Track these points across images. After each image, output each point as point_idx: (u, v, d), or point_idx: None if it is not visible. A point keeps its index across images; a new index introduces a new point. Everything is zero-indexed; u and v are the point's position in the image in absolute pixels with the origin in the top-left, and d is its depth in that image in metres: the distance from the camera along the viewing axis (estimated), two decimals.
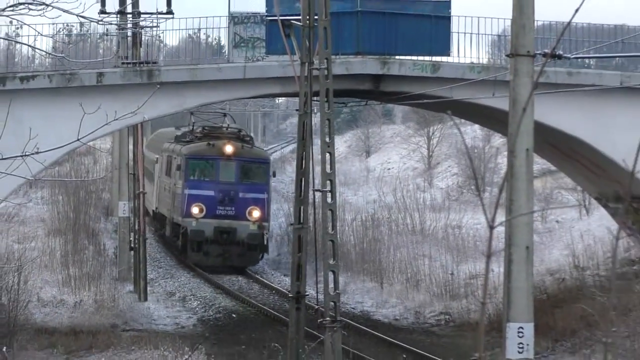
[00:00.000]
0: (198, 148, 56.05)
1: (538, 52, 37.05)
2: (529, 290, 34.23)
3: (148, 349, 50.61)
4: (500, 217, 16.51)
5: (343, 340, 47.90)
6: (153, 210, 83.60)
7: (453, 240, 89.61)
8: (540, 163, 76.24)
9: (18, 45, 72.47)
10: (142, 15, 71.91)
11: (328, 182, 47.17)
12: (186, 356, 42.89)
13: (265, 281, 79.57)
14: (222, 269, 43.94)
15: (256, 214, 48.93)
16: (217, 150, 53.10)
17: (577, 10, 26.31)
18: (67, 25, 73.56)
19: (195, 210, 49.60)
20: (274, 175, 62.48)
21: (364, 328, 61.34)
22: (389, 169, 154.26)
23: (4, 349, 44.99)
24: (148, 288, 77.52)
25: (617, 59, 52.16)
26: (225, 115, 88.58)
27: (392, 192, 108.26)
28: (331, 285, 47.91)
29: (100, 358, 48.50)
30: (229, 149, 52.78)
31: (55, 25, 59.37)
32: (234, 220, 48.78)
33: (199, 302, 75.14)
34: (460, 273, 77.88)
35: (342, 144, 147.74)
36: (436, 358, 54.93)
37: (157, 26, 72.40)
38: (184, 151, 56.27)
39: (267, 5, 55.43)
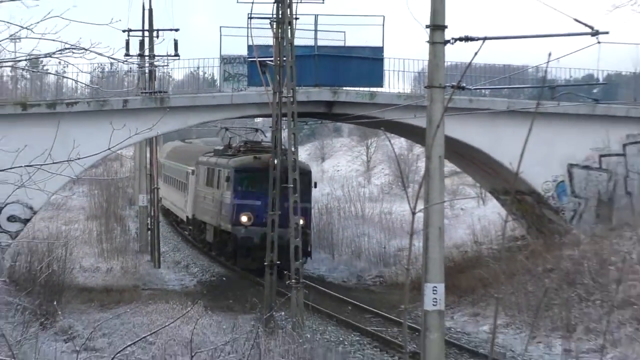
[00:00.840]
0: (245, 161, 51.12)
1: (447, 84, 37.03)
2: (440, 260, 34.87)
3: (161, 303, 50.79)
4: (420, 205, 16.67)
5: (304, 297, 48.44)
6: (188, 217, 76.90)
7: (385, 222, 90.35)
8: (449, 166, 76.52)
9: (65, 79, 71.66)
10: (156, 57, 71.98)
11: (293, 180, 47.77)
12: (189, 308, 42.75)
13: None
14: (258, 271, 41.13)
15: (301, 222, 43.43)
16: (263, 162, 47.34)
17: (475, 54, 26.73)
18: (101, 64, 73.09)
19: (244, 218, 45.94)
20: (315, 186, 56.41)
21: (320, 287, 60.53)
22: (338, 170, 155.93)
23: (55, 303, 44.69)
24: (161, 258, 77.78)
25: (505, 90, 51.92)
26: (257, 130, 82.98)
27: (340, 187, 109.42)
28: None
29: (126, 309, 48.41)
30: (275, 162, 45.23)
31: (92, 64, 59.70)
32: (280, 228, 43.09)
33: (198, 269, 76.03)
34: (390, 247, 78.30)
35: (303, 152, 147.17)
36: (373, 309, 55.69)
37: (167, 65, 72.33)
38: (232, 164, 51.01)
39: (248, 50, 55.31)
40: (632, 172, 53.88)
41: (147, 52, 72.54)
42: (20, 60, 26.62)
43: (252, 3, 49.87)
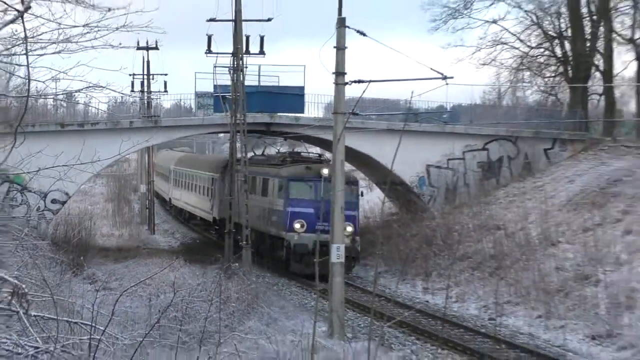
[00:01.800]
0: (298, 171, 43.15)
1: (347, 112, 37.57)
2: (340, 229, 35.09)
3: (155, 257, 51.21)
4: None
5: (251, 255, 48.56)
6: (215, 218, 62.92)
7: None
8: (348, 166, 76.68)
9: (89, 107, 72.02)
10: (152, 92, 72.46)
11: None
12: (173, 261, 43.31)
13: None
14: (321, 278, 37.96)
15: (349, 229, 37.71)
16: (314, 172, 41.25)
17: (363, 91, 27.57)
18: (114, 97, 73.30)
19: (297, 225, 38.96)
20: (362, 195, 47.95)
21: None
22: None
23: (82, 258, 45.10)
24: (155, 228, 78.12)
25: (385, 115, 52.43)
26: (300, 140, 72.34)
27: None
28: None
29: (131, 262, 49.16)
30: (325, 171, 40.17)
31: (108, 97, 60.25)
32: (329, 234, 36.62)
33: (180, 234, 76.51)
34: None
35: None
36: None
37: (159, 98, 73.09)
38: (284, 173, 43.70)
39: (214, 88, 55.15)
40: (468, 170, 55.33)
41: (146, 89, 73.52)
42: (59, 94, 27.00)
43: (217, 56, 50.44)
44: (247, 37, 49.88)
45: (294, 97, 54.90)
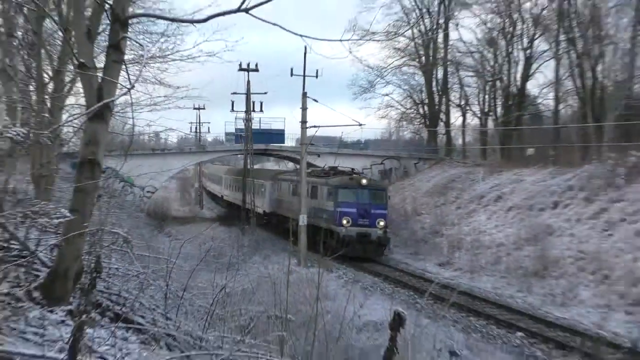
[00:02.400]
0: (344, 181, 37.24)
1: (307, 143, 37.76)
2: (305, 207, 34.43)
3: (203, 223, 50.97)
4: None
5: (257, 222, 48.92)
6: (265, 211, 50.95)
7: None
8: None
9: (167, 140, 71.87)
10: (201, 133, 72.46)
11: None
12: (213, 225, 43.26)
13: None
14: (362, 260, 33.88)
15: (382, 223, 34.43)
16: (356, 182, 36.19)
17: (316, 131, 27.52)
18: (180, 135, 74.13)
19: (344, 221, 34.67)
20: (389, 198, 39.66)
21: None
22: None
23: (163, 222, 45.51)
24: (204, 206, 76.96)
25: (329, 145, 52.01)
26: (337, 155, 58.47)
27: None
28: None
29: (191, 225, 47.80)
30: (364, 181, 36.44)
31: (178, 134, 61.15)
32: (369, 228, 34.47)
33: (216, 211, 72.14)
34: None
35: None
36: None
37: (205, 135, 73.20)
38: (334, 183, 37.19)
39: (235, 130, 55.49)
40: (373, 175, 52.69)
41: (197, 130, 73.20)
42: (150, 133, 28.06)
43: (236, 112, 50.84)
44: (253, 102, 49.92)
45: (278, 135, 55.12)
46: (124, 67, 7.05)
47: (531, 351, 19.26)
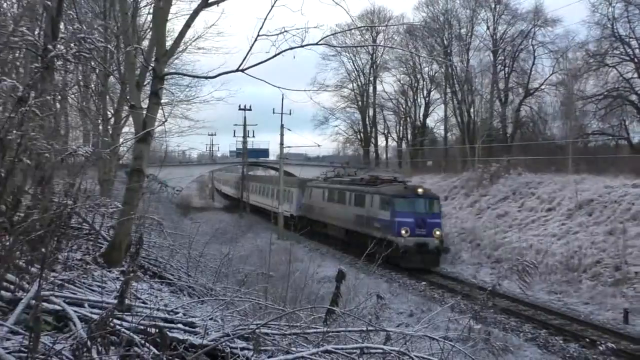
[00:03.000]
0: (399, 190, 25.42)
1: (283, 157, 37.24)
2: (283, 204, 34.03)
3: (214, 211, 49.98)
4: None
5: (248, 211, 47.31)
6: (292, 214, 37.00)
7: None
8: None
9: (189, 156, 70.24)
10: (214, 151, 71.25)
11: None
12: (220, 211, 42.25)
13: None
14: (420, 270, 23.05)
15: (438, 233, 23.95)
16: (411, 191, 25.10)
17: (289, 149, 26.21)
18: (200, 151, 72.83)
19: (403, 231, 23.56)
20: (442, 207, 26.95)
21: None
22: None
23: (188, 210, 44.26)
24: (215, 200, 74.28)
25: (299, 159, 50.64)
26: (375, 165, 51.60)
27: None
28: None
29: (206, 212, 46.27)
30: (420, 190, 24.92)
31: (197, 151, 60.00)
32: (426, 237, 23.60)
33: (223, 203, 67.44)
34: None
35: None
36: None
37: (217, 152, 71.87)
38: (389, 192, 25.22)
39: (237, 149, 54.50)
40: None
41: (210, 149, 72.02)
42: (179, 151, 27.67)
43: (236, 137, 50.17)
44: (248, 131, 49.56)
45: (264, 152, 54.59)
46: (161, 108, 7.32)
47: (431, 294, 19.37)
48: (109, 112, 17.52)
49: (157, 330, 3.49)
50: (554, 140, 37.76)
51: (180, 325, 4.01)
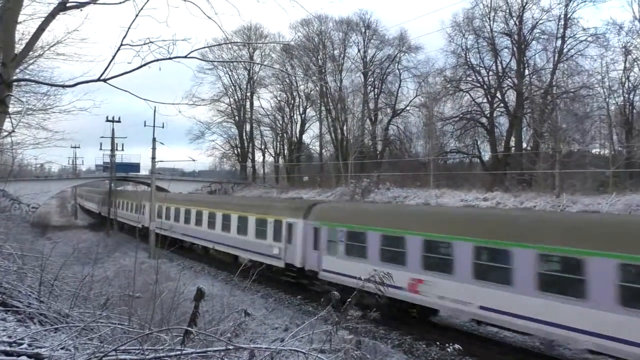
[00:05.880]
0: None
1: (154, 173, 35.67)
2: (154, 217, 32.70)
3: (77, 229, 45.95)
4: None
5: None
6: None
7: None
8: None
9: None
10: (77, 165, 65.96)
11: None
12: (83, 230, 38.64)
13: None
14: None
15: None
16: None
17: (161, 162, 24.74)
18: (60, 165, 67.14)
19: None
20: None
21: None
22: None
23: (44, 230, 40.30)
24: (79, 217, 69.24)
25: (179, 176, 48.68)
26: None
27: None
28: None
29: (67, 230, 42.27)
30: None
31: (58, 165, 55.01)
32: None
33: (87, 220, 62.24)
34: None
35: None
36: None
37: (80, 166, 66.56)
38: None
39: (104, 163, 50.88)
40: (203, 192, 49.88)
41: (73, 164, 66.79)
42: (36, 164, 24.78)
43: (104, 151, 47.15)
44: (117, 143, 47.06)
45: (135, 166, 51.44)
46: (9, 117, 6.58)
47: (306, 308, 19.11)
48: None
49: None
50: (418, 158, 40.58)
51: (24, 358, 3.67)
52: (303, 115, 53.75)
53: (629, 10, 47.75)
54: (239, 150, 57.87)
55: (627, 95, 29.79)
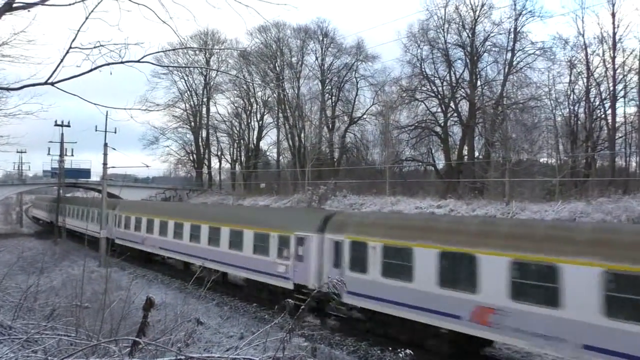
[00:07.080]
0: None
1: (106, 179, 34.61)
2: (105, 232, 31.65)
3: (23, 237, 44.09)
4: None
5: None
6: None
7: None
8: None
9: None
10: (23, 170, 63.31)
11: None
12: (29, 238, 37.13)
13: None
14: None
15: None
16: None
17: (112, 168, 23.95)
18: (6, 171, 64.16)
19: None
20: None
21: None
22: None
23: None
24: (24, 225, 66.71)
25: (132, 182, 47.37)
26: None
27: None
28: None
29: (12, 239, 40.81)
30: None
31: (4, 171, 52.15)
32: None
33: (34, 229, 60.70)
34: None
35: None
36: None
37: (27, 172, 64.02)
38: None
39: (52, 168, 48.99)
40: (157, 199, 48.54)
41: (19, 170, 63.94)
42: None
43: (52, 156, 45.45)
44: (66, 149, 45.36)
45: (85, 172, 49.90)
46: None
47: (261, 315, 19.05)
48: None
49: None
50: (374, 165, 41.01)
51: None
52: (260, 122, 53.48)
53: (574, 26, 50.08)
54: (194, 156, 57.04)
55: (572, 107, 30.94)
